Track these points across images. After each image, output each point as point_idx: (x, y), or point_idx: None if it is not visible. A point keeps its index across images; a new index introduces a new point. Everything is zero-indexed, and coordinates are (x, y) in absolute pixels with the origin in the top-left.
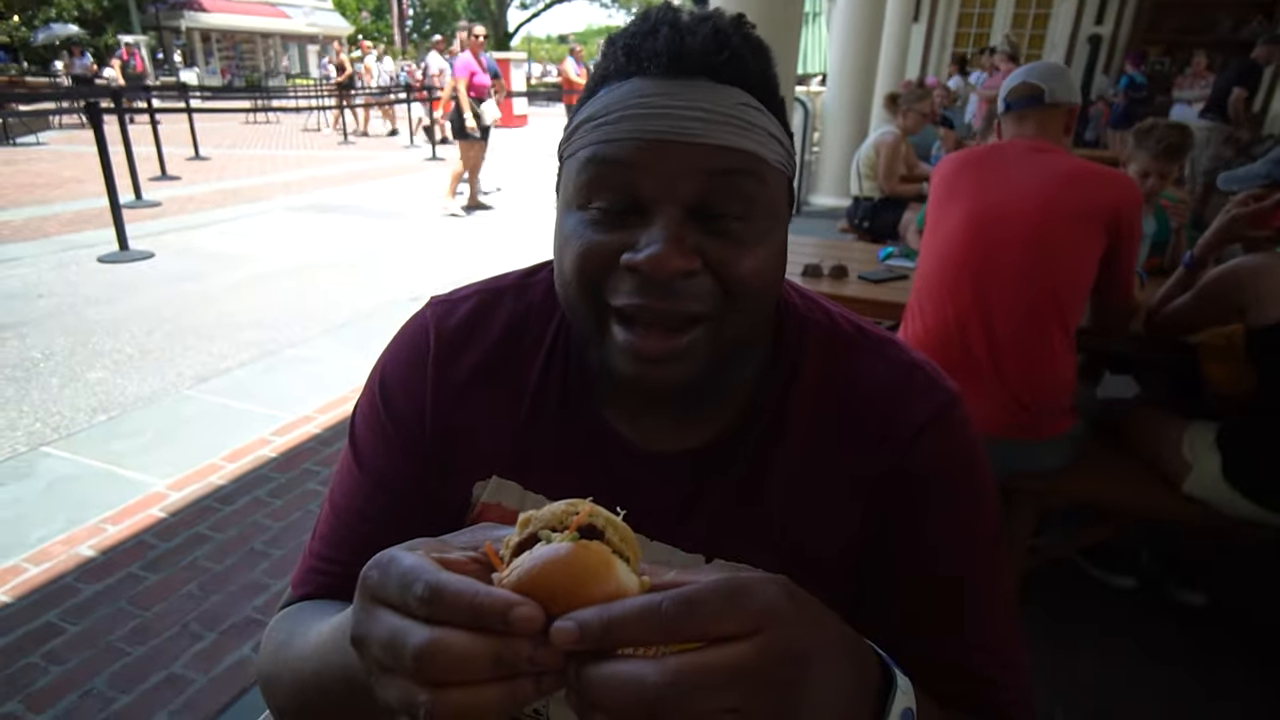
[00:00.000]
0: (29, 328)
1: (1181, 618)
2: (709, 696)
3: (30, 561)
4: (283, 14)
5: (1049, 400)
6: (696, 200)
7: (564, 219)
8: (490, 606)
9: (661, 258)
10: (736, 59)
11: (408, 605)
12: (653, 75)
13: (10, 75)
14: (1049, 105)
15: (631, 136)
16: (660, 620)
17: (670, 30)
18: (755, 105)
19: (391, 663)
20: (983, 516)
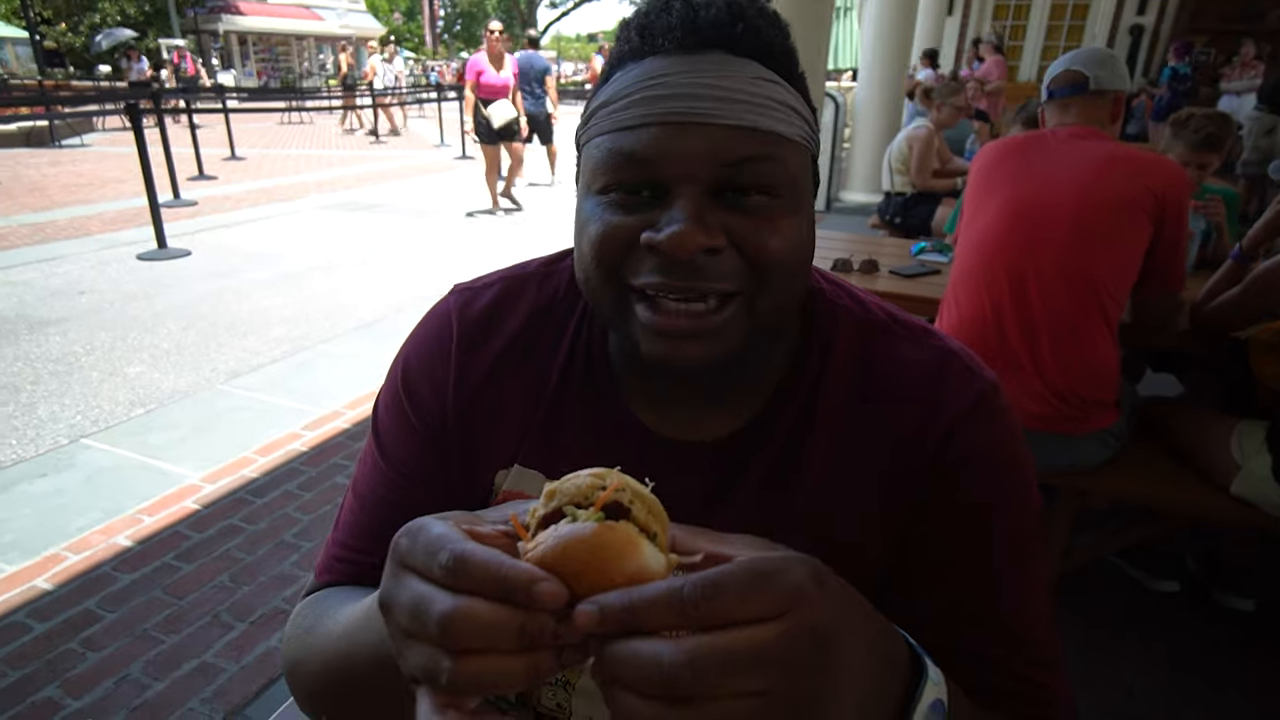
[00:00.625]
0: (71, 323)
1: (1228, 624)
2: (730, 678)
3: (70, 550)
4: (317, 16)
5: (1089, 394)
6: (717, 180)
7: (583, 204)
8: (514, 579)
9: (683, 235)
10: (752, 30)
11: (433, 573)
12: (667, 52)
13: (57, 79)
14: (1093, 93)
15: (647, 121)
16: (683, 605)
17: (683, 4)
18: (773, 79)
19: (416, 629)
20: (1022, 510)
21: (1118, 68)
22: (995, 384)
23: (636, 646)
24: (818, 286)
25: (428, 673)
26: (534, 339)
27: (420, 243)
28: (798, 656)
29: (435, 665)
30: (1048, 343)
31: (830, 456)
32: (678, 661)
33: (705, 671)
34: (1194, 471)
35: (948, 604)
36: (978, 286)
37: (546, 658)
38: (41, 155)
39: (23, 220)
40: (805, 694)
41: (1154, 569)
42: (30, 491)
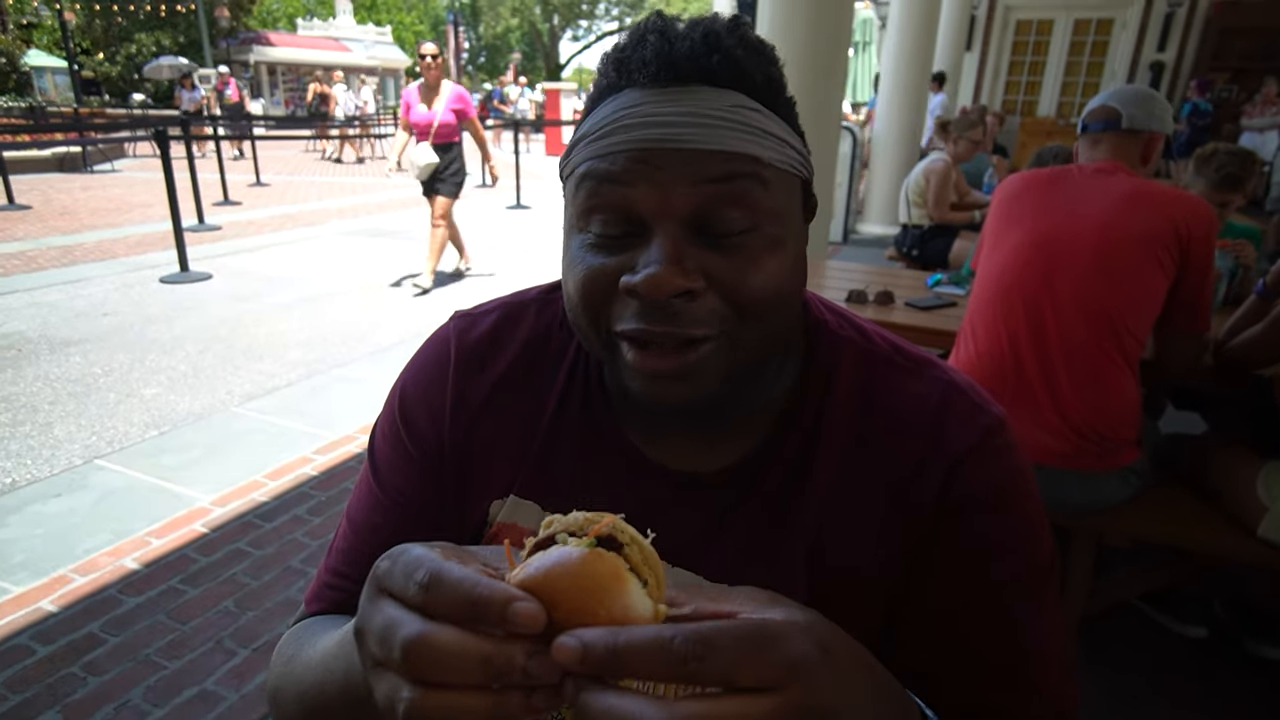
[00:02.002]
0: (93, 344)
1: (1259, 673)
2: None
3: (77, 572)
4: (345, 48)
5: (1108, 431)
6: (695, 213)
7: (568, 242)
8: (489, 598)
9: (658, 279)
10: (730, 61)
11: (408, 593)
12: (642, 85)
13: (92, 107)
14: (1125, 131)
15: (622, 149)
16: (671, 658)
17: (658, 38)
18: (754, 106)
19: (383, 655)
20: (1032, 551)
21: (1155, 109)
22: (1001, 419)
23: (619, 703)
24: (820, 317)
25: (388, 701)
26: (531, 367)
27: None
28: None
29: (396, 695)
30: (1065, 378)
31: (832, 490)
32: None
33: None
34: (1219, 512)
35: (956, 651)
36: (995, 319)
37: (514, 698)
38: (74, 180)
39: (52, 243)
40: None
41: (1180, 614)
42: (43, 512)
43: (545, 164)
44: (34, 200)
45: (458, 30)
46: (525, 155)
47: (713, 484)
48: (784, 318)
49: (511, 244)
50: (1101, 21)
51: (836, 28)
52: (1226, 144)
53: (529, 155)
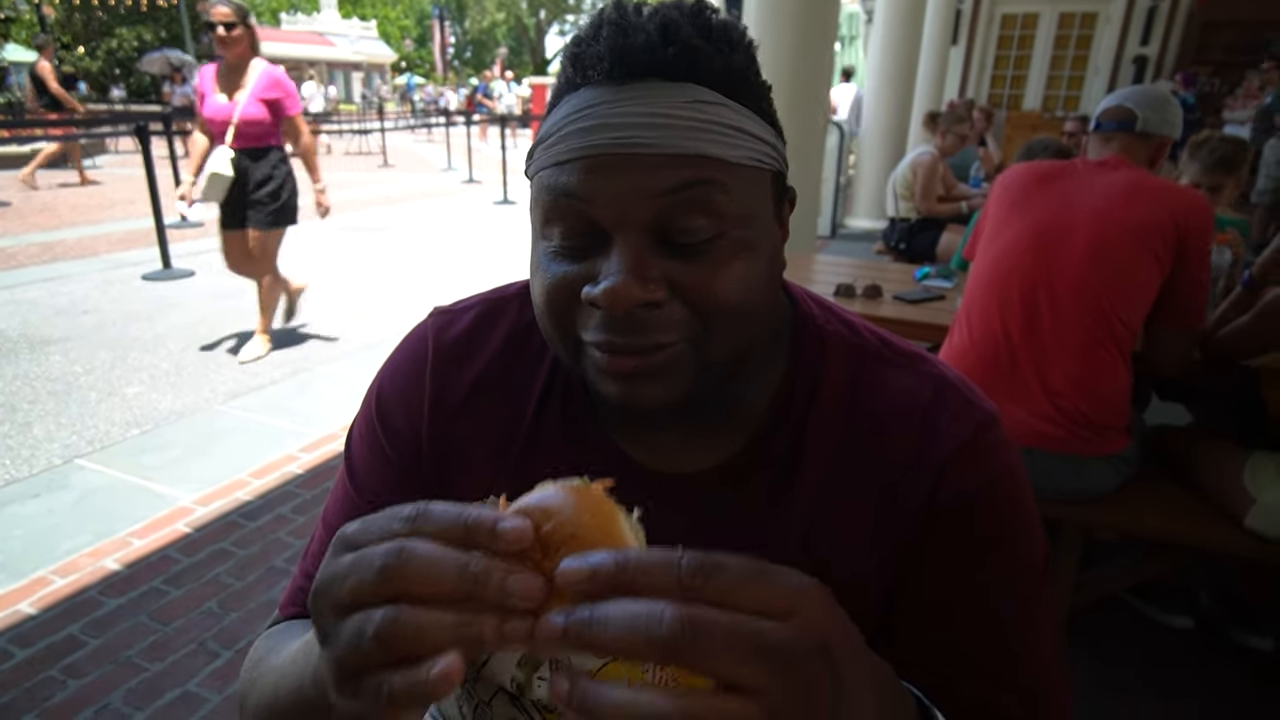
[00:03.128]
0: (73, 343)
1: (1247, 663)
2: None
3: (57, 573)
4: (329, 43)
5: (1098, 416)
6: (655, 220)
7: (533, 247)
8: (479, 518)
9: (618, 290)
10: (688, 51)
11: (390, 532)
12: (597, 82)
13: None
14: (1139, 134)
15: (577, 155)
16: (679, 575)
17: (612, 30)
18: (716, 100)
19: (352, 585)
20: (1025, 549)
21: (1169, 114)
22: (994, 415)
23: (629, 605)
24: (808, 311)
25: (355, 640)
26: (511, 365)
27: (424, 266)
28: (801, 661)
29: (363, 627)
30: (1057, 362)
31: (821, 488)
32: (680, 617)
33: (708, 637)
34: (1206, 504)
35: (950, 649)
36: (990, 305)
37: (487, 623)
38: (53, 176)
39: (32, 240)
40: (808, 703)
41: (1167, 605)
42: (21, 513)
43: None
44: (13, 196)
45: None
46: (512, 150)
47: (698, 484)
48: (755, 323)
49: (497, 240)
50: (1086, 15)
51: (823, 21)
52: (1219, 132)
53: (516, 150)
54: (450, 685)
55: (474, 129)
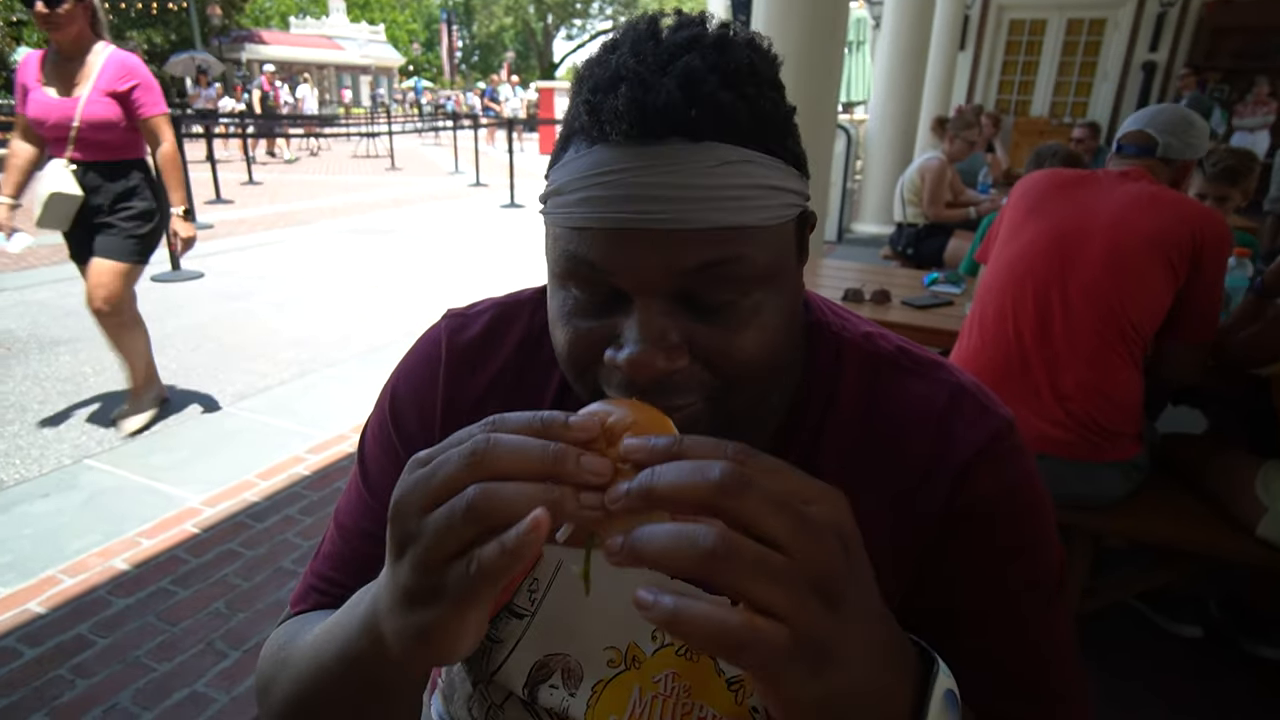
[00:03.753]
0: (83, 343)
1: (1257, 674)
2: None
3: (66, 573)
4: (338, 46)
5: (1109, 421)
6: (678, 288)
7: (551, 289)
8: (551, 416)
9: (640, 361)
10: (712, 110)
11: (470, 435)
12: (615, 142)
13: None
14: (1159, 159)
15: (595, 224)
16: (725, 452)
17: (630, 88)
18: (742, 158)
19: (441, 477)
20: (1042, 556)
21: (1191, 137)
22: (1010, 422)
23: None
24: (823, 319)
25: (446, 521)
26: (524, 368)
27: (431, 269)
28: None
29: (456, 505)
30: (1068, 367)
31: None
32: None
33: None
34: (1218, 512)
35: (971, 659)
36: (1004, 307)
37: (567, 494)
38: None
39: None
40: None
41: (1176, 613)
42: (31, 512)
43: (539, 162)
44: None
45: (451, 29)
46: (519, 154)
47: None
48: (776, 374)
49: (504, 243)
50: (1094, 21)
51: (832, 27)
52: (1226, 144)
53: (523, 154)
54: (539, 540)
55: (481, 132)
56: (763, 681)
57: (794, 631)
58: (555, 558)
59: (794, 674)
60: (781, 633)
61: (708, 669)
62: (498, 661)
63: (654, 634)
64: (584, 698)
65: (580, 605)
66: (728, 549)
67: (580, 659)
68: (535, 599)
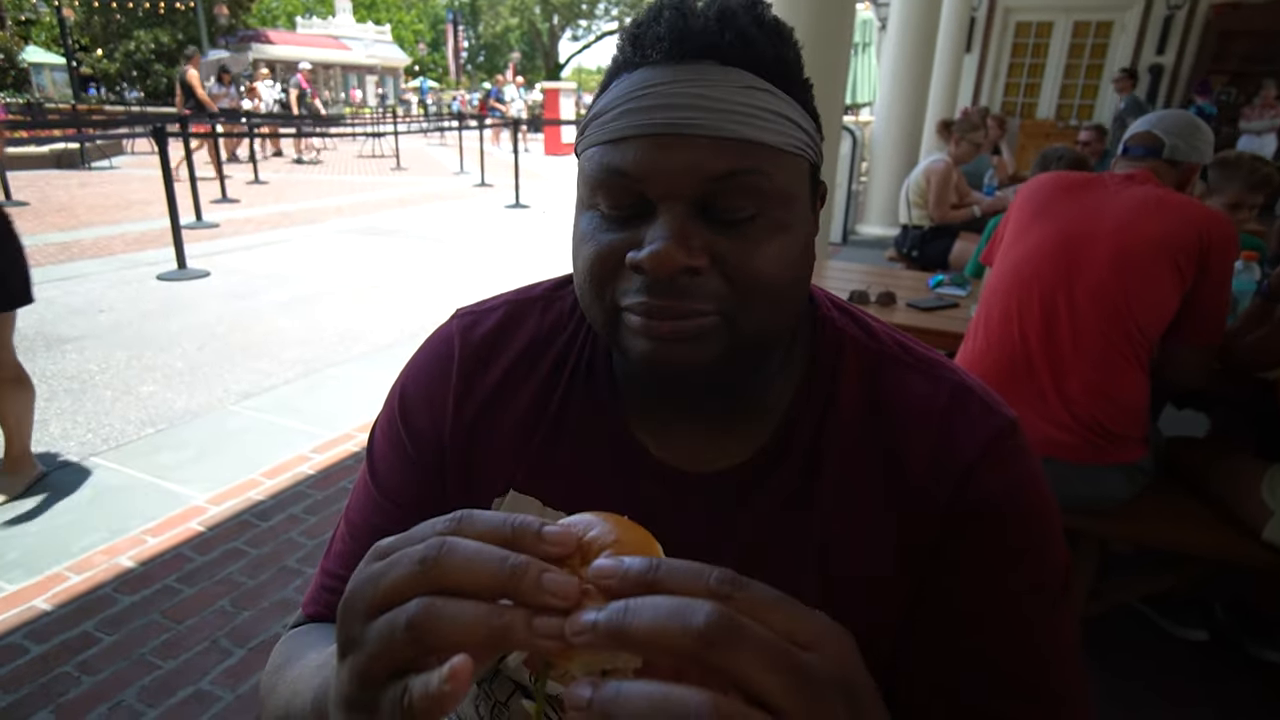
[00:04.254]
0: (89, 341)
1: (1261, 677)
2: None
3: (72, 570)
4: (344, 46)
5: (1114, 424)
6: (701, 197)
7: (578, 218)
8: (523, 524)
9: (662, 254)
10: (744, 39)
11: (434, 532)
12: (655, 62)
13: (90, 104)
14: (1166, 160)
15: (633, 133)
16: (708, 584)
17: (673, 13)
18: (765, 87)
19: (389, 584)
20: (1049, 557)
21: (1199, 141)
22: (1014, 422)
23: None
24: (826, 314)
25: (386, 633)
26: (535, 365)
27: (436, 269)
28: (826, 691)
29: (397, 617)
30: (1073, 370)
31: (838, 495)
32: (721, 611)
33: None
34: (1222, 515)
35: (974, 660)
36: (1009, 310)
37: (519, 616)
38: (71, 177)
39: (49, 239)
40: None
41: (1181, 617)
42: (38, 509)
43: (544, 164)
44: (31, 196)
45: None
46: (524, 155)
47: (718, 483)
48: (787, 303)
49: (509, 243)
50: (1101, 24)
51: (838, 28)
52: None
53: (528, 155)
54: (461, 689)
55: (486, 133)
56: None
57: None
58: None
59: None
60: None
61: None
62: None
63: None
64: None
65: None
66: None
67: None
68: None
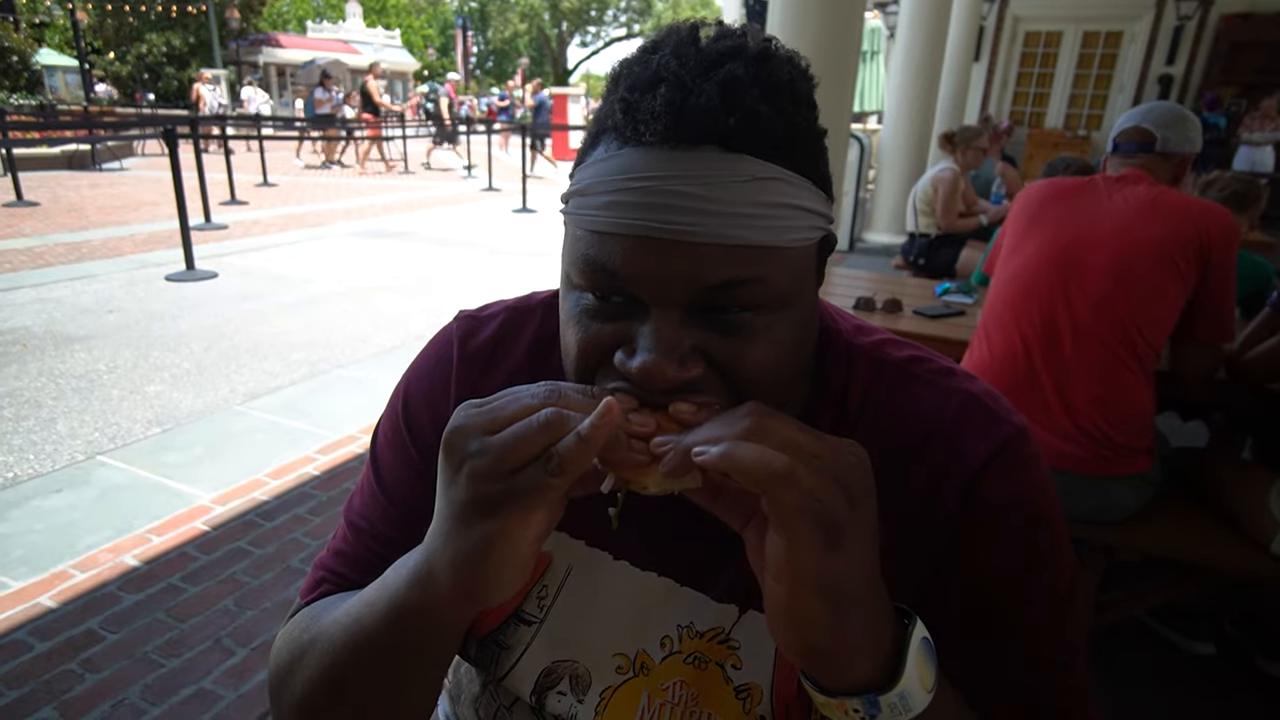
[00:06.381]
0: (97, 341)
1: (1269, 693)
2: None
3: (77, 568)
4: (354, 50)
5: (1119, 435)
6: (696, 301)
7: (564, 289)
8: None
9: (653, 370)
10: (750, 120)
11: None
12: (650, 144)
13: (101, 106)
14: (1159, 154)
15: (621, 230)
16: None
17: (670, 89)
18: (773, 174)
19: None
20: (1055, 566)
21: (1189, 130)
22: (1023, 429)
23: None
24: (835, 327)
25: (522, 431)
26: (535, 374)
27: (445, 271)
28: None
29: (530, 421)
30: (1077, 381)
31: None
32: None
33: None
34: (1230, 527)
35: (975, 662)
36: (1009, 321)
37: (621, 436)
38: (81, 178)
39: (59, 239)
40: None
41: (1188, 630)
42: (43, 507)
43: (550, 168)
44: (42, 197)
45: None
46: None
47: None
48: (786, 389)
49: (516, 247)
50: (1110, 34)
51: (846, 37)
52: (1228, 171)
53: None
54: (611, 425)
55: (495, 138)
56: (786, 540)
57: (820, 499)
58: (564, 564)
59: (813, 540)
60: (810, 496)
61: (716, 677)
62: (506, 667)
63: (662, 641)
64: (592, 704)
65: (589, 612)
66: (761, 426)
67: (588, 665)
68: (544, 605)
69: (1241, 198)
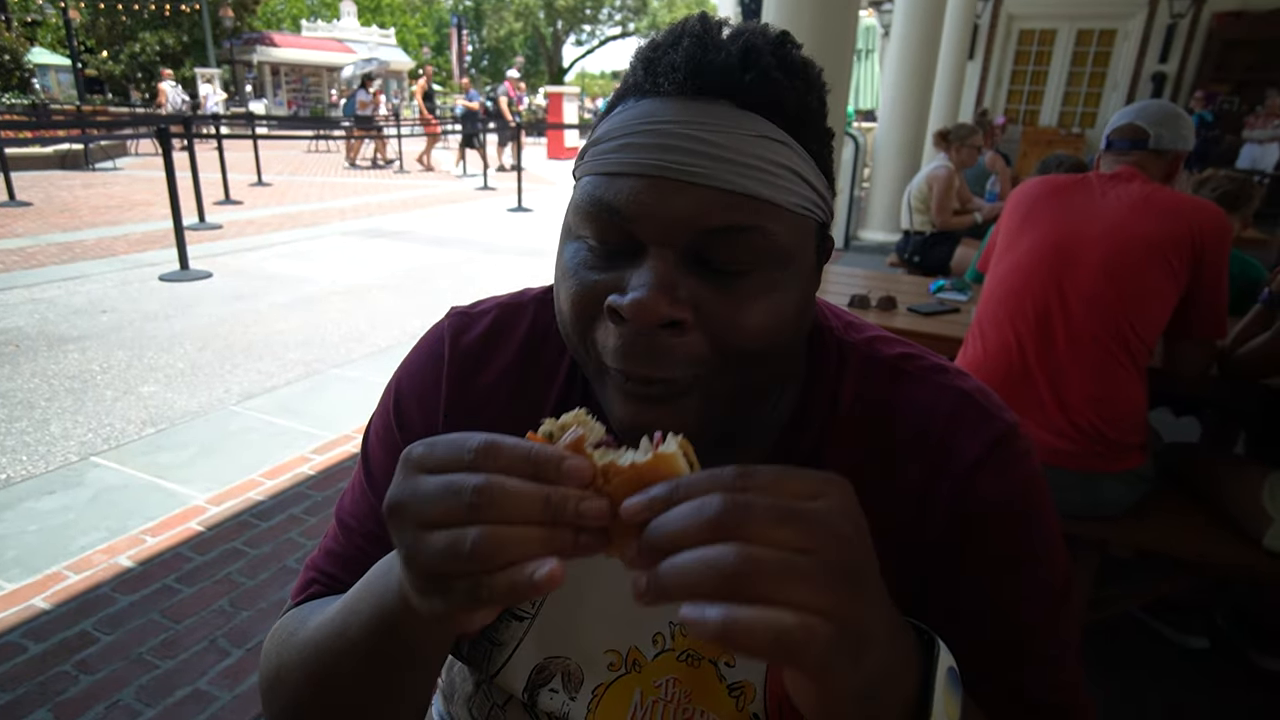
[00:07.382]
0: (91, 341)
1: (1263, 686)
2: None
3: (71, 569)
4: (349, 49)
5: (1112, 431)
6: (694, 247)
7: (563, 245)
8: (546, 456)
9: (645, 303)
10: (766, 82)
11: (461, 460)
12: (667, 94)
13: (95, 105)
14: (1152, 150)
15: (629, 170)
16: (722, 482)
17: (693, 42)
18: (780, 138)
19: (442, 509)
20: (1048, 563)
21: (1181, 127)
22: (1014, 426)
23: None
24: (827, 324)
25: (451, 548)
26: (527, 371)
27: (439, 270)
28: (837, 523)
29: (459, 541)
30: (1070, 377)
31: None
32: (728, 498)
33: (751, 508)
34: (1223, 522)
35: (970, 660)
36: (1003, 318)
37: (566, 535)
38: (74, 178)
39: (52, 240)
40: (849, 561)
41: (1182, 624)
42: (37, 508)
43: (547, 168)
44: (35, 197)
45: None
46: (526, 159)
47: None
48: (771, 364)
49: (511, 246)
50: (1104, 32)
51: (841, 35)
52: (1221, 169)
53: (530, 159)
54: (554, 585)
55: (490, 140)
56: (812, 678)
57: (838, 623)
58: None
59: (841, 664)
60: (828, 626)
61: (709, 674)
62: (498, 664)
63: (655, 638)
64: (584, 701)
65: (581, 608)
66: (749, 565)
67: (580, 662)
68: (536, 600)
69: (1234, 197)
